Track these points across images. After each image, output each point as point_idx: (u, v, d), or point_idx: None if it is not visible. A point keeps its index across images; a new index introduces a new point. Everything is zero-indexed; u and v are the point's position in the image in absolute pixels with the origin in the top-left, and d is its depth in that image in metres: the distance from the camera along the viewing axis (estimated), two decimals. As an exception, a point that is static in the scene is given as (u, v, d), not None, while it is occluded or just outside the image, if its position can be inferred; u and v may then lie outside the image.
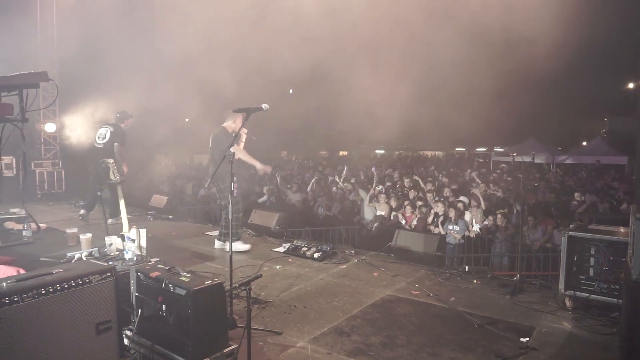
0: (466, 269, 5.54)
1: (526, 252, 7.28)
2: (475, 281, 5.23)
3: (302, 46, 10.65)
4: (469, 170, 13.91)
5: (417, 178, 10.68)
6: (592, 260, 4.37)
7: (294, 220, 9.03)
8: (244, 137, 6.14)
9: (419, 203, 9.30)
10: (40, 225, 4.91)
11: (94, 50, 10.80)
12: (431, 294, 4.78)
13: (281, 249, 6.38)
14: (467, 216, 8.51)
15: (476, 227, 8.36)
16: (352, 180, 12.70)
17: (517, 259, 5.63)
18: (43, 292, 2.58)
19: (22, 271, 3.16)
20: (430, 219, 8.57)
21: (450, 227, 8.23)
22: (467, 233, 8.31)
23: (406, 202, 9.37)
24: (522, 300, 4.64)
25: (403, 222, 8.91)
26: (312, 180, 12.34)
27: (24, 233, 4.40)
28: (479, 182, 11.54)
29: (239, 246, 6.12)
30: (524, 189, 5.83)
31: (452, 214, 8.35)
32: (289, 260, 5.99)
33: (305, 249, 6.11)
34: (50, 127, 11.84)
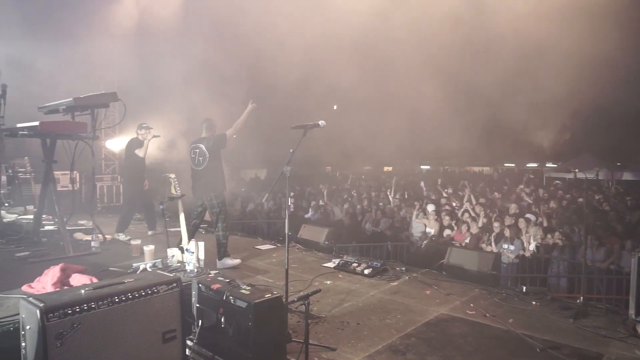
0: (524, 290, 5.32)
1: (589, 273, 6.91)
2: (534, 302, 5.01)
3: (348, 64, 10.82)
4: (521, 187, 13.41)
5: (467, 195, 10.42)
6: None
7: (341, 236, 9.03)
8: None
9: (470, 220, 9.06)
10: (106, 236, 5.19)
11: (148, 73, 11.45)
12: (487, 315, 4.63)
13: (331, 264, 6.38)
14: (525, 234, 8.19)
15: (532, 246, 8.03)
16: (397, 196, 12.58)
17: (580, 280, 5.36)
18: (116, 300, 2.73)
19: (94, 279, 3.34)
20: (484, 237, 8.32)
21: (505, 245, 7.95)
22: (521, 252, 8.00)
23: (457, 220, 9.16)
24: (587, 324, 4.40)
25: (453, 238, 8.71)
26: (358, 196, 12.34)
27: (92, 244, 4.67)
28: (530, 201, 11.10)
29: (228, 262, 5.88)
30: (587, 206, 5.56)
31: (507, 232, 8.07)
32: (339, 275, 5.98)
33: (355, 264, 6.09)
34: (110, 144, 12.53)
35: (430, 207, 9.92)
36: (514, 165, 33.01)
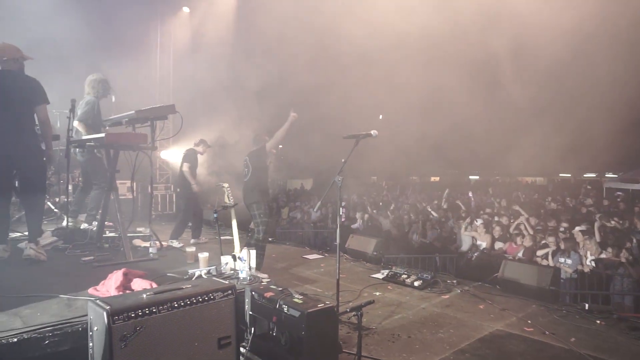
0: (586, 307, 5.04)
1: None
2: (598, 321, 4.72)
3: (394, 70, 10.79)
4: (580, 198, 12.75)
5: (518, 208, 10.01)
6: None
7: (390, 247, 8.92)
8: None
9: (524, 232, 8.69)
10: (162, 243, 5.40)
11: (203, 86, 11.92)
12: (547, 332, 4.41)
13: (379, 275, 6.32)
14: (582, 247, 7.76)
15: (590, 260, 7.57)
16: (445, 206, 12.30)
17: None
18: (175, 305, 2.82)
19: (154, 284, 3.47)
20: (539, 251, 7.95)
21: (562, 259, 7.56)
22: (579, 267, 7.57)
23: (510, 231, 8.82)
24: (659, 347, 4.10)
25: (506, 251, 8.37)
26: (405, 206, 12.17)
27: (150, 250, 4.87)
28: (593, 211, 10.51)
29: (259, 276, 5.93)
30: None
31: (564, 245, 7.67)
32: (389, 287, 5.91)
33: (405, 276, 6.00)
34: (164, 154, 13.10)
35: (479, 221, 9.62)
36: (569, 175, 31.45)
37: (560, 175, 31.96)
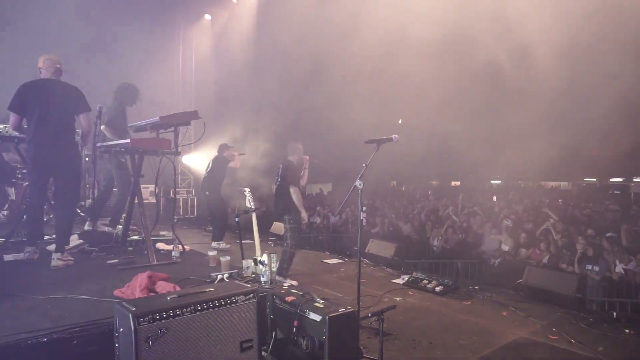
0: (614, 315, 4.90)
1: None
2: (627, 330, 4.59)
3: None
4: (606, 203, 12.42)
5: (547, 211, 9.82)
6: None
7: (410, 252, 8.85)
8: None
9: (548, 238, 8.51)
10: (185, 246, 5.48)
11: (223, 93, 12.11)
12: (573, 341, 4.31)
13: (400, 281, 6.28)
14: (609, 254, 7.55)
15: (619, 268, 7.36)
16: (465, 211, 12.15)
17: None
18: (199, 308, 2.86)
19: (177, 287, 3.53)
20: (563, 256, 7.77)
21: (589, 266, 7.37)
22: (608, 274, 7.36)
23: (534, 237, 8.65)
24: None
25: (529, 257, 8.21)
26: (425, 211, 12.07)
27: (173, 253, 4.95)
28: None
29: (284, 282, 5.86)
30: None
31: (590, 251, 7.49)
32: (409, 292, 5.86)
33: (425, 281, 5.94)
34: (186, 159, 13.30)
35: (504, 224, 9.47)
36: (595, 180, 30.66)
37: (586, 179, 31.18)
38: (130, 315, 2.61)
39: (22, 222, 5.21)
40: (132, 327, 2.59)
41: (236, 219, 4.94)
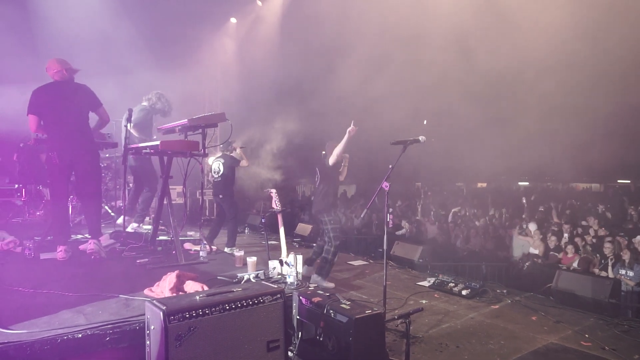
0: (650, 322, 4.73)
1: None
2: (664, 338, 4.43)
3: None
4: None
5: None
6: None
7: (436, 254, 8.75)
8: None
9: (579, 241, 8.27)
10: (212, 247, 5.57)
11: (250, 95, 12.23)
12: (607, 348, 4.18)
13: (426, 283, 6.22)
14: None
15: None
16: (492, 212, 11.92)
17: None
18: (227, 307, 2.90)
19: (205, 287, 3.59)
20: (595, 260, 7.54)
21: (623, 271, 7.13)
22: (643, 279, 7.10)
23: (565, 239, 8.43)
24: None
25: (560, 261, 8.00)
26: (451, 213, 11.90)
27: (200, 253, 5.03)
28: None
29: (324, 283, 5.92)
30: None
31: (626, 255, 7.23)
32: (435, 295, 5.80)
33: (452, 284, 5.86)
34: (211, 161, 13.47)
35: (533, 226, 9.25)
36: (629, 181, 29.60)
37: (619, 181, 30.13)
38: (161, 314, 2.66)
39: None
40: (163, 325, 2.65)
41: (262, 220, 4.99)
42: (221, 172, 7.46)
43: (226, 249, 7.25)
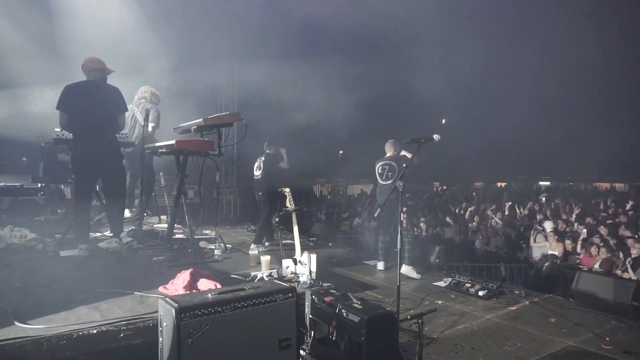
0: (675, 326, 4.58)
1: None
2: (690, 342, 4.28)
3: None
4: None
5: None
6: None
7: (452, 254, 8.65)
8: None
9: (600, 242, 8.07)
10: (227, 245, 5.61)
11: (266, 95, 12.28)
12: (630, 352, 4.05)
13: (442, 283, 6.14)
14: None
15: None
16: (509, 212, 11.72)
17: None
18: (239, 305, 2.90)
19: (218, 285, 3.61)
20: (617, 261, 7.36)
21: (646, 272, 6.93)
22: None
23: (583, 240, 8.23)
24: None
25: (580, 262, 7.82)
26: (468, 212, 11.76)
27: (215, 252, 5.08)
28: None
29: (412, 273, 6.44)
30: None
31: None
32: (451, 295, 5.72)
33: (468, 285, 5.77)
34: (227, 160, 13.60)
35: (548, 226, 9.06)
36: (655, 181, 28.74)
37: (644, 180, 29.30)
38: (173, 311, 2.68)
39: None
40: (175, 322, 2.67)
41: (276, 220, 5.01)
42: (262, 170, 7.55)
43: (252, 246, 7.32)
